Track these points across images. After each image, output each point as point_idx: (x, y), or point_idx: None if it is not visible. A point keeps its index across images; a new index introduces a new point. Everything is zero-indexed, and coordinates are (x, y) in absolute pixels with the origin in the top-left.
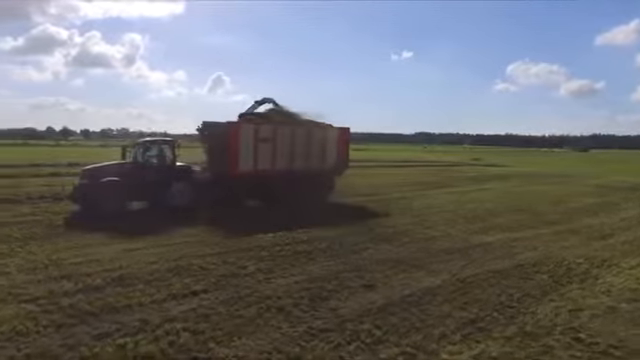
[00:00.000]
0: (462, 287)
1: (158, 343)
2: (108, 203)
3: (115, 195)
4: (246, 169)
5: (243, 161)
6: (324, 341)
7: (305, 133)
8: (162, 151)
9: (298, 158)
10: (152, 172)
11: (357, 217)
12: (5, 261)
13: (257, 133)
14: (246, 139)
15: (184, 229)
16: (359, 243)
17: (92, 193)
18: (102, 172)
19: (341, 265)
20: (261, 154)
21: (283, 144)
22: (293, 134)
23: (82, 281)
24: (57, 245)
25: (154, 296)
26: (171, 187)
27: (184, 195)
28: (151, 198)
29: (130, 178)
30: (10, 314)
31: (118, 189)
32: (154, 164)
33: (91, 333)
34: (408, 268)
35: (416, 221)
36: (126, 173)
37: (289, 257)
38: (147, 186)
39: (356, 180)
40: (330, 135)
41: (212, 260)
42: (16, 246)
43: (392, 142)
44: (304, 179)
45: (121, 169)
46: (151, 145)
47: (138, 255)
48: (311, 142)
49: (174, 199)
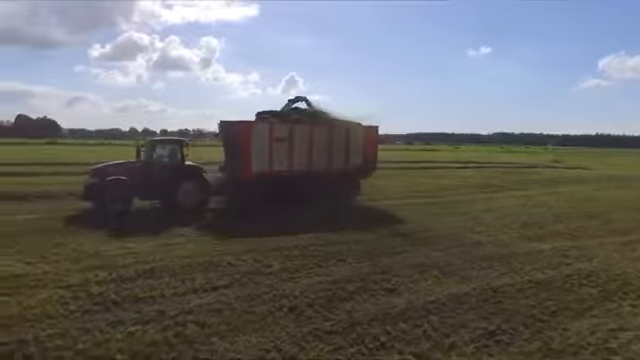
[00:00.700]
0: (492, 296)
1: (165, 333)
2: (113, 201)
3: (121, 194)
4: (260, 169)
5: (257, 161)
6: (326, 343)
7: (325, 132)
8: (170, 151)
9: (318, 158)
10: (160, 171)
11: (404, 219)
12: (57, 250)
13: (272, 132)
14: (260, 139)
15: (222, 227)
16: (396, 246)
17: (99, 191)
18: (110, 171)
19: (370, 268)
20: (277, 154)
21: (301, 144)
22: (312, 133)
23: (116, 272)
24: (103, 238)
25: (177, 289)
26: (180, 187)
27: (193, 195)
28: (160, 197)
29: (138, 177)
30: (44, 298)
31: (124, 188)
32: (162, 163)
33: (109, 320)
34: (439, 274)
35: (468, 225)
36: (134, 172)
37: (319, 258)
38: (155, 185)
39: (420, 181)
40: (355, 134)
41: (242, 257)
42: (70, 237)
43: (468, 142)
44: (325, 180)
45: (129, 168)
46: (159, 145)
47: (174, 250)
48: (332, 141)
49: (183, 199)
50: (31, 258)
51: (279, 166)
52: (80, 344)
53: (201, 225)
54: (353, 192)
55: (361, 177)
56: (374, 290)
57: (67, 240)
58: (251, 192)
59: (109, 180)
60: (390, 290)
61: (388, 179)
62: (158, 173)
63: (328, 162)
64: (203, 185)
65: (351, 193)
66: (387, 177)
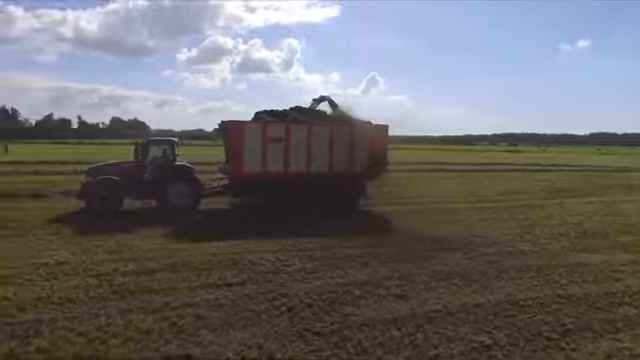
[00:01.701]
0: (506, 309)
1: (161, 323)
2: (103, 200)
3: (110, 193)
4: (253, 170)
5: (249, 162)
6: (309, 344)
7: (326, 132)
8: (162, 151)
9: (317, 160)
10: (151, 171)
11: (447, 224)
12: (100, 243)
13: (265, 133)
14: (253, 139)
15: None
16: (427, 251)
17: (90, 189)
18: (103, 170)
19: (390, 273)
20: (271, 155)
21: (298, 144)
22: (310, 133)
23: (143, 265)
24: (140, 233)
25: (192, 283)
26: (170, 187)
27: (184, 195)
28: (151, 197)
29: (130, 177)
30: (73, 284)
31: (113, 187)
32: (153, 163)
33: (120, 307)
34: (460, 282)
35: (518, 232)
36: (127, 172)
37: (342, 260)
38: (146, 185)
39: (483, 184)
40: (360, 134)
41: (266, 256)
42: (116, 232)
43: (561, 144)
44: (325, 182)
45: (123, 168)
46: (151, 144)
47: (204, 247)
48: (334, 142)
49: (174, 199)
50: (77, 249)
51: (273, 167)
52: (84, 327)
53: (233, 224)
54: (357, 196)
55: (368, 180)
56: (382, 295)
57: (112, 235)
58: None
59: (99, 179)
60: (399, 296)
61: (449, 182)
62: (150, 173)
63: (329, 164)
64: (194, 185)
65: (355, 197)
66: (449, 180)
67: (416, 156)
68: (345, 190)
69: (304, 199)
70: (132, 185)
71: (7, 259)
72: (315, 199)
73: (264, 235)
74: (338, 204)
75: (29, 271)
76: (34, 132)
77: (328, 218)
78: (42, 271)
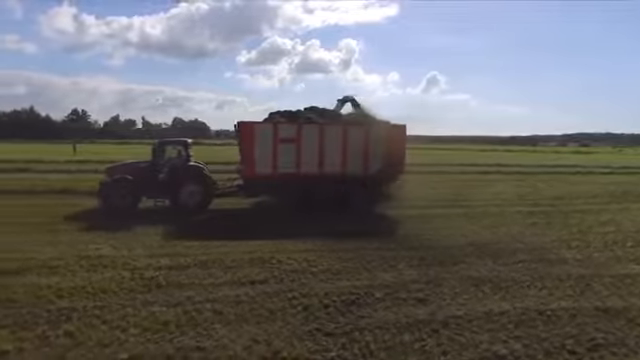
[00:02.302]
0: (531, 319)
1: (180, 316)
2: (117, 200)
3: (124, 192)
4: (264, 171)
5: (260, 163)
6: (317, 343)
7: (339, 132)
8: (175, 151)
9: (330, 161)
10: (164, 172)
11: (489, 228)
12: (143, 239)
13: (276, 133)
14: (264, 140)
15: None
16: (462, 256)
17: (105, 189)
18: (119, 170)
19: (418, 276)
20: (282, 156)
21: (310, 145)
22: (322, 134)
23: (176, 260)
24: (177, 232)
25: (217, 280)
26: (183, 187)
27: (196, 195)
28: (164, 197)
29: (144, 177)
30: (108, 276)
31: (128, 186)
32: (166, 164)
33: (145, 300)
34: (489, 289)
35: (567, 239)
36: (142, 172)
37: (371, 262)
38: (160, 185)
39: (539, 187)
40: (376, 135)
41: (295, 256)
42: (156, 229)
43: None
44: (338, 184)
45: (138, 168)
46: (165, 145)
47: (236, 246)
48: (348, 143)
49: (186, 199)
50: (119, 244)
51: (285, 168)
52: (109, 315)
53: (266, 224)
54: (374, 198)
55: (385, 182)
56: (403, 299)
57: (155, 231)
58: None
59: (114, 179)
60: (420, 300)
61: (504, 184)
62: (163, 173)
63: (341, 165)
64: (206, 186)
65: (369, 198)
66: (504, 182)
67: (472, 157)
68: (358, 192)
69: (316, 200)
70: (146, 185)
71: (59, 251)
72: (327, 200)
73: (295, 235)
74: (350, 206)
75: (73, 262)
76: (102, 132)
77: (361, 220)
78: (84, 263)
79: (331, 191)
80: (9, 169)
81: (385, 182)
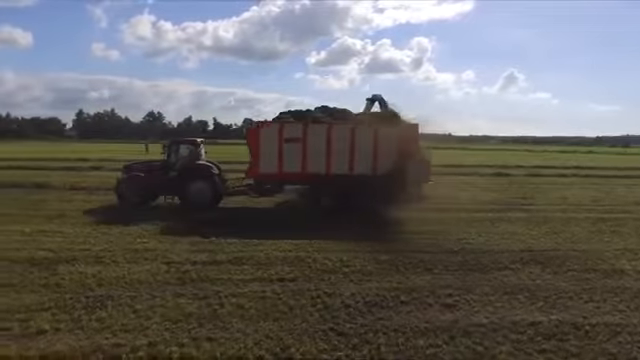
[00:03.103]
0: (565, 332)
1: (203, 309)
2: (130, 196)
3: (137, 189)
4: (269, 171)
5: (265, 162)
6: (327, 342)
7: (347, 132)
8: (185, 151)
9: (337, 161)
10: (174, 170)
11: (547, 234)
12: (189, 237)
13: (282, 133)
14: (269, 139)
15: (328, 227)
16: (505, 262)
17: (120, 185)
18: (134, 168)
19: (452, 281)
20: (287, 156)
21: (316, 145)
22: (329, 134)
23: (213, 256)
24: (225, 229)
25: (248, 276)
26: (192, 185)
27: (204, 193)
28: (174, 194)
29: (156, 175)
30: (146, 268)
31: (139, 184)
32: (177, 162)
33: (175, 291)
34: (525, 298)
35: (633, 249)
36: (154, 170)
37: (407, 264)
38: (170, 183)
39: (621, 192)
40: (386, 135)
41: (331, 256)
42: (203, 227)
43: None
44: (346, 184)
45: (151, 166)
46: (176, 145)
47: (280, 244)
48: (355, 142)
49: (195, 197)
50: (165, 239)
51: (290, 168)
52: (139, 304)
53: (311, 223)
54: (383, 200)
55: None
56: (429, 303)
57: (201, 228)
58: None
59: (128, 176)
60: (447, 306)
61: (579, 188)
62: (174, 171)
63: (349, 165)
64: (213, 184)
65: (380, 201)
66: (579, 186)
67: (550, 159)
68: (365, 193)
69: (323, 200)
70: (158, 182)
71: (108, 243)
72: (334, 200)
73: (335, 235)
74: (359, 206)
75: (119, 254)
76: (175, 133)
77: (407, 221)
78: (128, 255)
79: (337, 191)
80: (84, 167)
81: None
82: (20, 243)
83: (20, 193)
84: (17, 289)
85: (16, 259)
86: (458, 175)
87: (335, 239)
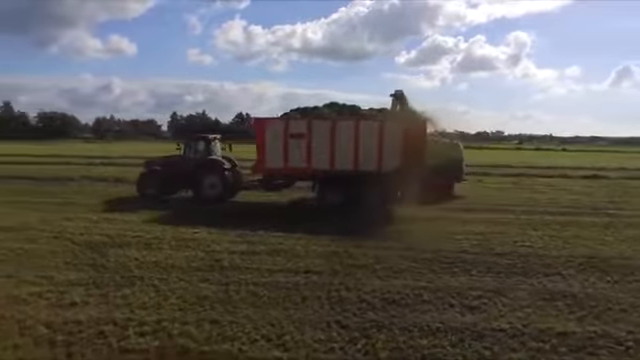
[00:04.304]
0: (599, 346)
1: (219, 293)
2: (149, 190)
3: (155, 183)
4: (274, 166)
5: (270, 158)
6: (325, 333)
7: (351, 128)
8: (199, 146)
9: (342, 157)
10: (187, 165)
11: (627, 240)
12: (233, 225)
13: (287, 129)
14: (274, 135)
15: (387, 224)
16: (560, 267)
17: (140, 180)
18: (154, 163)
19: (487, 283)
20: (293, 151)
21: (320, 141)
22: (334, 129)
23: (252, 247)
24: (275, 222)
25: (276, 266)
26: (204, 180)
27: (215, 187)
28: (189, 188)
29: (173, 170)
30: (185, 255)
31: (158, 178)
32: (191, 157)
33: (202, 277)
34: (564, 306)
35: None
36: (171, 165)
37: (444, 264)
38: (185, 177)
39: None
40: (392, 131)
41: (368, 252)
42: (254, 222)
43: None
44: (352, 181)
45: (169, 161)
46: (192, 141)
47: (322, 238)
48: (360, 138)
49: (208, 191)
50: (216, 229)
51: (295, 163)
52: (163, 286)
53: (357, 222)
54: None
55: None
56: (451, 304)
57: (253, 220)
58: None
59: (149, 170)
60: (470, 308)
61: None
62: (188, 166)
63: (354, 161)
64: (224, 179)
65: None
66: None
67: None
68: (371, 190)
69: (328, 196)
70: (175, 177)
71: (161, 232)
72: (339, 197)
73: (377, 232)
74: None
75: (167, 242)
76: None
77: (460, 221)
78: (174, 242)
79: (341, 188)
80: None
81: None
82: (86, 229)
83: (102, 186)
84: (68, 267)
85: (77, 242)
86: (543, 177)
87: (377, 236)
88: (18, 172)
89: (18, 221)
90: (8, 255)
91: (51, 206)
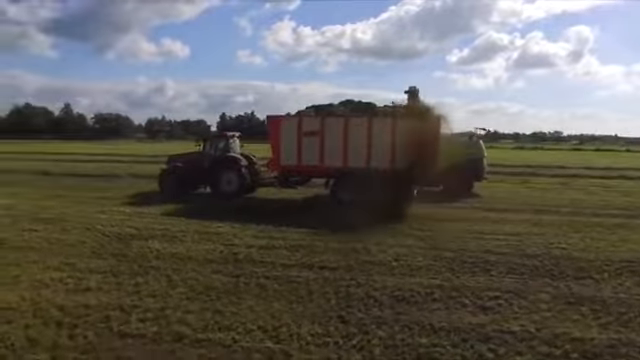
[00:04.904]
0: (620, 354)
1: (226, 285)
2: (169, 185)
3: (175, 179)
4: (288, 164)
5: (285, 155)
6: (322, 327)
7: (363, 125)
8: (218, 144)
9: (354, 154)
10: (206, 161)
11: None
12: (257, 220)
13: (300, 126)
14: (289, 133)
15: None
16: (594, 271)
17: (162, 176)
18: (176, 160)
19: (510, 285)
20: (306, 149)
21: (333, 138)
22: (346, 127)
23: (272, 242)
24: (301, 218)
25: (292, 261)
26: (222, 176)
27: (232, 183)
28: (207, 183)
29: (193, 166)
30: (204, 248)
31: (178, 174)
32: (209, 154)
33: (215, 269)
34: (589, 311)
35: None
36: (192, 161)
37: (466, 264)
38: (204, 173)
39: None
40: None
41: (388, 250)
42: (280, 217)
43: None
44: (363, 179)
45: (190, 158)
46: (212, 138)
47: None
48: (372, 135)
49: (225, 186)
50: (239, 224)
51: (308, 161)
52: (175, 275)
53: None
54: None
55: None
56: (464, 304)
57: (280, 217)
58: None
59: (169, 167)
60: (483, 308)
61: None
62: (206, 163)
63: (366, 159)
64: (241, 175)
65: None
66: None
67: None
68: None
69: (340, 194)
70: (194, 173)
71: (187, 225)
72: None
73: (404, 231)
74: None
75: (191, 235)
76: None
77: (490, 221)
78: (197, 236)
79: (354, 185)
80: None
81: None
82: (117, 221)
83: (143, 182)
84: (92, 256)
85: (107, 233)
86: (599, 178)
87: (403, 234)
88: (69, 169)
89: (58, 213)
90: (42, 244)
91: (91, 200)
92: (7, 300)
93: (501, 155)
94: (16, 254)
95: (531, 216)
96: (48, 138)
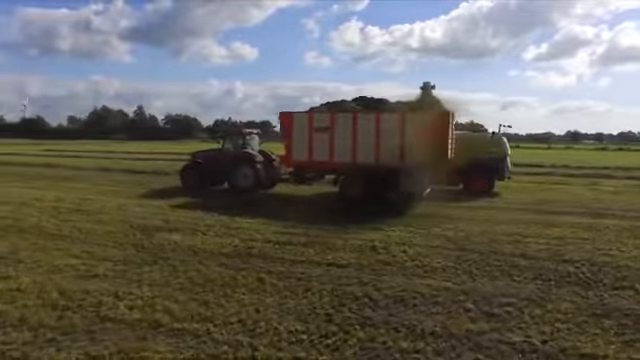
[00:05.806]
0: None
1: (226, 278)
2: (190, 180)
3: (195, 174)
4: (300, 159)
5: (297, 151)
6: (304, 324)
7: (372, 121)
8: (236, 140)
9: (364, 150)
10: (225, 157)
11: None
12: (286, 217)
13: (312, 122)
14: (300, 129)
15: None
16: (635, 280)
17: (183, 171)
18: (198, 156)
19: (531, 292)
20: (317, 145)
21: (343, 134)
22: (355, 123)
23: (290, 238)
24: (329, 215)
25: (303, 257)
26: (237, 171)
27: (248, 178)
28: (225, 179)
29: (213, 162)
30: (222, 242)
31: (198, 170)
32: (228, 150)
33: (222, 262)
34: (614, 326)
35: None
36: (212, 157)
37: (487, 267)
38: (222, 169)
39: None
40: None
41: (409, 250)
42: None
43: None
44: (372, 175)
45: (211, 154)
46: (229, 135)
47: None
48: (381, 131)
49: (241, 181)
50: (266, 220)
51: (319, 157)
52: (182, 267)
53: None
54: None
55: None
56: (468, 309)
57: (311, 214)
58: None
59: (190, 163)
60: (489, 315)
61: None
62: (225, 158)
63: (375, 155)
64: (256, 171)
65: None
66: None
67: None
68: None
69: (350, 190)
70: (213, 169)
71: (215, 220)
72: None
73: (434, 231)
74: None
75: (214, 229)
76: None
77: (539, 224)
78: (219, 230)
79: (363, 181)
80: None
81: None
82: (150, 214)
83: None
84: (114, 245)
85: (135, 225)
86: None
87: (433, 234)
88: (127, 166)
89: (98, 206)
90: (73, 233)
91: (134, 194)
92: (20, 282)
93: (576, 157)
94: (47, 241)
95: (587, 220)
96: (122, 138)
